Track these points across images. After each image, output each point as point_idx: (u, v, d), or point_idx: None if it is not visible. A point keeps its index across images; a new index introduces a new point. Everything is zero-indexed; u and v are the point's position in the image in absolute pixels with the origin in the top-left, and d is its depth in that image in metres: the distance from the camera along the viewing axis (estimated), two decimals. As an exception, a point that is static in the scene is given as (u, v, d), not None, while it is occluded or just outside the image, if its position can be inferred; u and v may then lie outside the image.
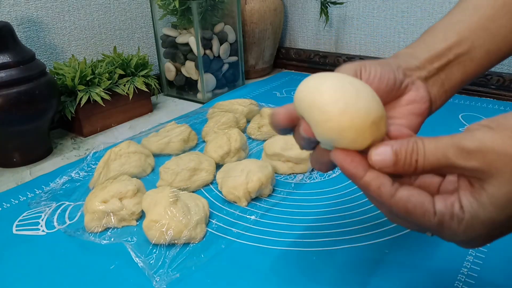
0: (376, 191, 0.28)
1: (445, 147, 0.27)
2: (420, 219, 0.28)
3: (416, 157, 0.27)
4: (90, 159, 0.72)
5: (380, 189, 0.28)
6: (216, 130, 0.75)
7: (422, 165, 0.27)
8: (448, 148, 0.27)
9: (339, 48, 1.19)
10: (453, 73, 0.37)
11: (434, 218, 0.27)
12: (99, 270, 0.49)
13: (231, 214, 0.57)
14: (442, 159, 0.27)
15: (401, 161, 0.28)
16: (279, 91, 1.06)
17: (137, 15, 1.07)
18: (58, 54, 0.93)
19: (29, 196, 0.64)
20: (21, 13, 0.85)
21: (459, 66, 0.37)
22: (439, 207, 0.27)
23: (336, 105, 0.28)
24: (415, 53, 0.38)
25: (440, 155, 0.27)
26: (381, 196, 0.28)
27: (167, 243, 0.51)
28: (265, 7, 1.12)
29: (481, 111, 0.87)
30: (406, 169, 0.28)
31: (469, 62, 0.37)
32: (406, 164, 0.28)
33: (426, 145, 0.27)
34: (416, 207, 0.28)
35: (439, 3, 0.99)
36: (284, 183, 0.64)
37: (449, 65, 0.37)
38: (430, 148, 0.27)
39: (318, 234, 0.53)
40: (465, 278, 0.44)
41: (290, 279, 0.46)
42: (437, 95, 0.37)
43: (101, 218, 0.55)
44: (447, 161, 0.27)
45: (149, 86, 0.94)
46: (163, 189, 0.56)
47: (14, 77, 0.69)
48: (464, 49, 0.37)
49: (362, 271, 0.46)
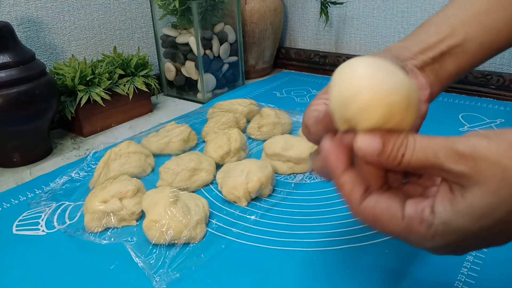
0: (348, 194, 0.28)
1: (437, 146, 0.26)
2: (387, 224, 0.27)
3: (403, 151, 0.26)
4: (90, 159, 0.72)
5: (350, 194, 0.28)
6: (216, 130, 0.75)
7: (408, 160, 0.26)
8: (440, 148, 0.26)
9: (339, 48, 1.19)
10: (446, 65, 0.38)
11: (402, 222, 0.27)
12: (99, 270, 0.49)
13: (231, 214, 0.57)
14: (431, 157, 0.26)
15: (386, 153, 0.27)
16: (279, 91, 1.06)
17: (137, 15, 1.07)
18: (58, 54, 0.93)
19: (29, 196, 0.64)
20: (21, 13, 0.85)
21: (452, 58, 0.38)
22: (408, 211, 0.27)
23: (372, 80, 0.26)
24: (407, 46, 0.38)
25: (430, 153, 0.26)
26: (350, 201, 0.28)
27: (167, 243, 0.51)
28: (265, 7, 1.12)
29: (481, 111, 0.87)
30: (390, 161, 0.27)
31: (462, 54, 0.37)
32: (391, 157, 0.27)
33: (417, 141, 0.27)
34: (383, 212, 0.27)
35: (439, 3, 0.99)
36: (284, 183, 0.64)
37: (442, 56, 0.37)
38: (422, 144, 0.26)
39: (318, 234, 0.53)
40: (465, 278, 0.44)
41: (290, 279, 0.46)
42: (433, 82, 0.37)
43: (101, 218, 0.55)
44: (436, 161, 0.26)
45: (149, 86, 0.94)
46: (163, 189, 0.56)
47: (14, 77, 0.69)
48: (457, 41, 0.37)
49: (362, 271, 0.46)
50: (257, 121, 0.80)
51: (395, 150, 0.27)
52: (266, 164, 0.63)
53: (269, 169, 0.61)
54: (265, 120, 0.79)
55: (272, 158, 0.67)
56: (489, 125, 0.80)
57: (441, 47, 0.37)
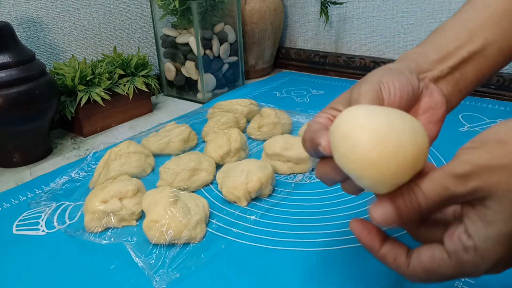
0: (393, 263, 0.30)
1: (440, 180, 0.27)
2: (440, 271, 0.28)
3: (417, 201, 0.27)
4: (90, 159, 0.72)
5: (396, 261, 0.29)
6: (216, 130, 0.75)
7: (426, 206, 0.27)
8: (443, 180, 0.27)
9: (339, 48, 1.19)
10: (467, 72, 0.36)
11: (450, 262, 0.27)
12: (99, 270, 0.49)
13: (231, 214, 0.57)
14: (442, 192, 0.27)
15: (404, 211, 0.28)
16: (279, 91, 1.06)
17: (137, 15, 1.07)
18: (58, 54, 0.93)
19: (29, 196, 0.64)
20: (21, 13, 0.85)
21: (473, 64, 0.36)
22: (449, 248, 0.27)
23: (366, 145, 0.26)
24: (425, 53, 0.37)
25: (439, 190, 0.27)
26: (399, 267, 0.29)
27: (167, 243, 0.51)
28: (265, 7, 1.12)
29: (481, 111, 0.87)
30: (412, 216, 0.28)
31: (483, 60, 0.36)
32: (411, 212, 0.28)
33: (422, 186, 0.27)
34: (432, 262, 0.28)
35: (439, 3, 0.99)
36: (284, 183, 0.64)
37: (463, 64, 0.36)
38: (427, 187, 0.27)
39: (318, 234, 0.53)
40: (465, 278, 0.44)
41: (290, 279, 0.46)
42: (452, 94, 0.36)
43: (101, 218, 0.55)
44: (447, 193, 0.27)
45: (149, 86, 0.94)
46: (163, 189, 0.56)
47: (14, 77, 0.69)
48: (477, 46, 0.36)
49: (362, 271, 0.46)
50: (257, 121, 0.80)
51: (409, 205, 0.28)
52: (266, 164, 0.63)
53: (269, 169, 0.61)
54: (265, 120, 0.79)
55: (272, 158, 0.67)
56: (489, 125, 0.80)
57: (461, 53, 0.36)
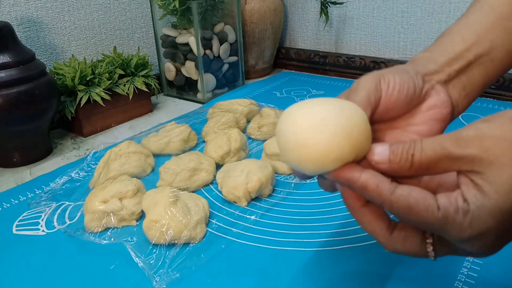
0: (375, 189, 0.28)
1: (442, 139, 0.27)
2: (423, 214, 0.27)
3: (412, 152, 0.28)
4: (90, 159, 0.72)
5: (378, 187, 0.28)
6: (216, 130, 0.75)
7: (419, 159, 0.27)
8: (445, 140, 0.27)
9: (339, 48, 1.19)
10: (474, 75, 0.36)
11: (438, 212, 0.27)
12: (99, 270, 0.49)
13: (231, 214, 0.57)
14: (439, 150, 0.27)
15: (397, 156, 0.28)
16: (279, 91, 1.06)
17: (137, 15, 1.07)
18: (58, 54, 0.93)
19: (29, 196, 0.64)
20: (21, 13, 0.85)
21: (480, 68, 0.36)
22: (442, 202, 0.27)
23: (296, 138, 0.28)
24: (433, 57, 0.37)
25: (437, 147, 0.27)
26: (381, 194, 0.28)
27: (167, 243, 0.51)
28: (265, 7, 1.12)
29: (481, 111, 0.87)
30: (402, 164, 0.28)
31: (489, 63, 0.36)
32: (402, 160, 0.28)
33: (424, 141, 0.28)
34: (418, 201, 0.27)
35: (439, 3, 0.99)
36: (284, 183, 0.64)
37: (470, 67, 0.36)
38: (428, 142, 0.27)
39: (318, 234, 0.53)
40: (465, 278, 0.44)
41: (290, 279, 0.46)
42: (458, 99, 0.36)
43: (101, 218, 0.55)
44: (444, 152, 0.27)
45: (149, 86, 0.94)
46: (163, 189, 0.56)
47: (14, 77, 0.69)
48: (484, 49, 0.36)
49: (362, 270, 0.46)
50: (257, 121, 0.80)
51: (404, 153, 0.28)
52: (266, 164, 0.63)
53: (269, 169, 0.61)
54: (265, 120, 0.79)
55: (272, 158, 0.67)
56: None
57: (468, 56, 0.36)
